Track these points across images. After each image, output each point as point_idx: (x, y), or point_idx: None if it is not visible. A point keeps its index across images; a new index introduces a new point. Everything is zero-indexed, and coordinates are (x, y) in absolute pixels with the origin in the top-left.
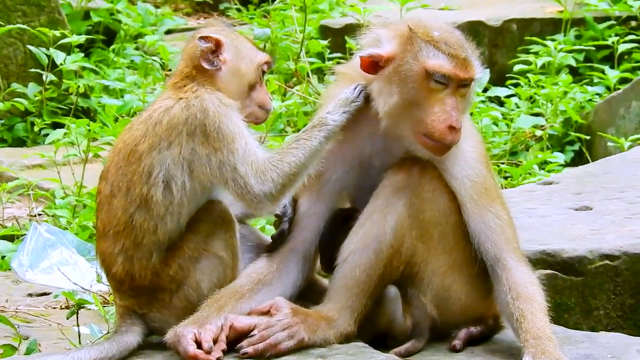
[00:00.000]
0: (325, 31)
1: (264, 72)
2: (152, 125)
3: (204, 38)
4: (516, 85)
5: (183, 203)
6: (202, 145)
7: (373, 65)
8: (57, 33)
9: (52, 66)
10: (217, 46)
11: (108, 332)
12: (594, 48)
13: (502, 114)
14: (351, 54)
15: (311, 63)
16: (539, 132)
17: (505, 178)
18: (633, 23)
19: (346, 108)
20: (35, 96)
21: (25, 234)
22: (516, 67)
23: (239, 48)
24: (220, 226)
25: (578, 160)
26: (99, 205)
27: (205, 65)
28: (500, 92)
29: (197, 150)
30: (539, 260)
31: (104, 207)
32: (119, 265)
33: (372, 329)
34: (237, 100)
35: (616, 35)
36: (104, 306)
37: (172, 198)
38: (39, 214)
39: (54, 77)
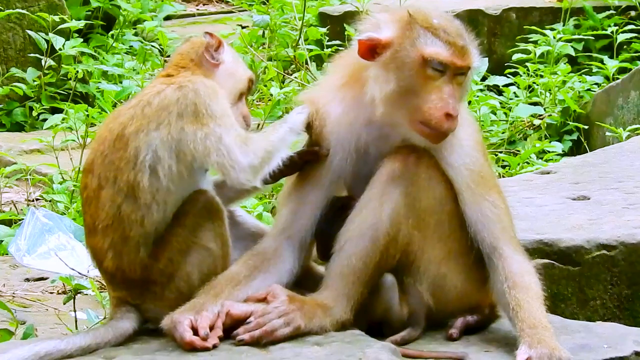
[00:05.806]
0: (324, 18)
1: (249, 89)
2: (141, 108)
3: (209, 34)
4: (515, 74)
5: (169, 189)
6: (190, 123)
7: (370, 50)
8: (57, 18)
9: (51, 51)
10: (218, 46)
11: (105, 318)
12: (593, 37)
13: (501, 103)
14: (350, 42)
15: (310, 50)
16: (537, 122)
17: (503, 167)
18: (632, 13)
19: (299, 110)
20: (34, 81)
21: (22, 219)
22: (515, 56)
23: (235, 54)
24: (208, 217)
25: (576, 149)
26: (86, 200)
27: (207, 57)
28: (498, 81)
29: (185, 129)
30: (536, 250)
31: (92, 201)
32: (109, 260)
33: (368, 317)
34: None
35: (615, 25)
36: (101, 291)
37: (159, 184)
38: (37, 199)
39: (52, 62)
